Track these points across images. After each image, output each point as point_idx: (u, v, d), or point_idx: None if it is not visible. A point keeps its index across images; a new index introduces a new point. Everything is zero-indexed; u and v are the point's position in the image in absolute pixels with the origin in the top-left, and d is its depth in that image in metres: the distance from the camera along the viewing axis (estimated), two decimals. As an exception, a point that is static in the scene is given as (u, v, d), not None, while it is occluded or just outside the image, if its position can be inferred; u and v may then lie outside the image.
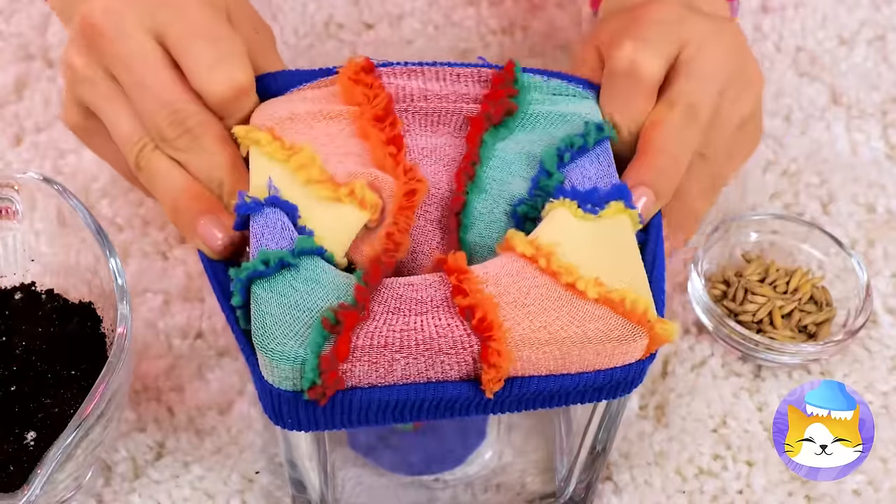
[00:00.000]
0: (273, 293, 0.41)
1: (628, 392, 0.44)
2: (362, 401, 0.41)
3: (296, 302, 0.41)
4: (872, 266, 0.60)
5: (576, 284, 0.41)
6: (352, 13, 0.71)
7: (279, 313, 0.41)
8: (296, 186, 0.45)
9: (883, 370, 0.57)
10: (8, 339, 0.51)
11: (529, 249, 0.42)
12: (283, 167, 0.46)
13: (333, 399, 0.41)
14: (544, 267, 0.42)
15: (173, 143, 0.48)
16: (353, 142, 0.47)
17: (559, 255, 0.42)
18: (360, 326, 0.41)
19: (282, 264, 0.42)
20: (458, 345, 0.41)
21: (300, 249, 0.42)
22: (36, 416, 0.49)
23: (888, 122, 0.66)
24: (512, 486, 0.52)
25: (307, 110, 0.48)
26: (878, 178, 0.64)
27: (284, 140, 0.46)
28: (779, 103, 0.67)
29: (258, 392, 0.43)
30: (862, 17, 0.71)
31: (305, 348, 0.40)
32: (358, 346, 0.41)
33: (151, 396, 0.56)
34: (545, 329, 0.41)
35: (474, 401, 0.42)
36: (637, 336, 0.41)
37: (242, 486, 0.53)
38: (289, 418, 0.43)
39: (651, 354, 0.43)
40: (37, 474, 0.45)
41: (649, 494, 0.53)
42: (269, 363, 0.41)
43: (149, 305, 0.58)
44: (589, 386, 0.43)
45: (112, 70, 0.49)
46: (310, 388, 0.41)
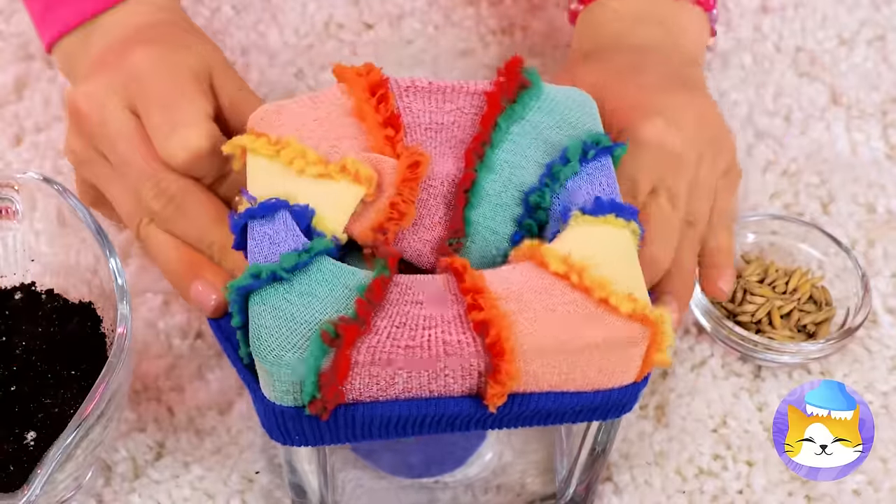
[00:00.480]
0: (266, 305, 0.41)
1: (621, 414, 0.44)
2: (364, 416, 0.41)
3: (291, 314, 0.40)
4: (872, 266, 0.60)
5: (609, 300, 0.41)
6: (352, 13, 0.71)
7: (274, 325, 0.40)
8: (289, 177, 0.45)
9: (883, 370, 0.57)
10: (8, 338, 0.51)
11: (563, 267, 0.42)
12: (272, 161, 0.45)
13: (335, 414, 0.41)
14: (577, 283, 0.41)
15: (161, 214, 0.50)
16: (347, 122, 0.47)
17: (592, 270, 0.42)
18: (361, 340, 0.40)
19: (273, 277, 0.41)
20: (467, 361, 0.40)
21: (315, 250, 0.42)
22: (36, 416, 0.49)
23: (888, 123, 0.66)
24: (512, 487, 0.52)
25: (295, 100, 0.48)
26: (877, 178, 0.64)
27: (270, 135, 0.46)
28: (778, 103, 0.67)
29: (260, 414, 0.43)
30: (862, 17, 0.71)
31: (303, 360, 0.40)
32: (359, 362, 0.40)
33: (151, 396, 0.55)
34: (559, 339, 0.41)
35: (475, 416, 0.42)
36: (640, 339, 0.41)
37: (242, 486, 0.53)
38: (295, 435, 0.42)
39: (645, 378, 0.43)
40: (37, 474, 0.44)
41: (649, 494, 0.53)
42: (267, 374, 0.41)
43: (149, 305, 0.58)
44: (586, 406, 0.43)
45: (102, 150, 0.52)
46: (310, 402, 0.40)
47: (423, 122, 0.47)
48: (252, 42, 0.69)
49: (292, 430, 0.42)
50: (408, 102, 0.47)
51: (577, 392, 0.42)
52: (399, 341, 0.40)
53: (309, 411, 0.41)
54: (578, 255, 0.42)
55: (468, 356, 0.40)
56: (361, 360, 0.40)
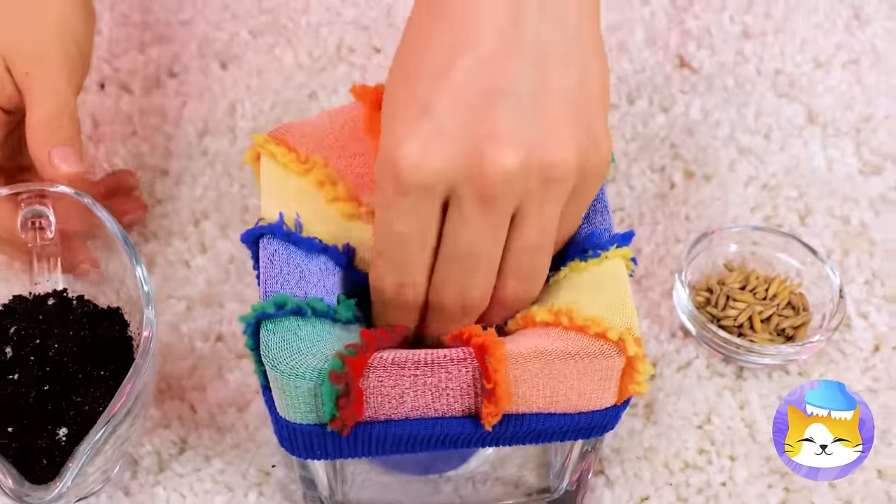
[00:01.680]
0: (278, 335, 0.41)
1: (603, 433, 0.44)
2: (380, 434, 0.42)
3: (298, 347, 0.40)
4: (846, 274, 0.61)
5: (607, 335, 0.41)
6: (361, 38, 0.71)
7: (286, 354, 0.40)
8: (315, 199, 0.45)
9: (856, 371, 0.57)
10: (42, 341, 0.51)
11: (549, 316, 0.42)
12: (298, 179, 0.46)
13: (354, 432, 0.41)
14: (567, 325, 0.41)
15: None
16: (360, 136, 0.47)
17: (579, 310, 0.41)
18: (368, 368, 0.40)
19: (296, 311, 0.41)
20: (464, 382, 0.41)
21: (339, 315, 0.42)
22: (67, 413, 0.49)
23: (861, 140, 0.67)
24: (510, 480, 0.52)
25: (316, 116, 0.48)
26: (851, 192, 0.64)
27: (300, 152, 0.46)
28: (759, 122, 0.67)
29: (279, 434, 0.43)
30: (837, 42, 0.71)
31: (318, 390, 0.40)
32: (370, 386, 0.40)
33: (175, 395, 0.56)
34: (538, 347, 0.41)
35: (476, 435, 0.42)
36: (617, 365, 0.41)
37: (260, 479, 0.53)
38: (318, 450, 0.43)
39: (625, 402, 0.43)
40: (68, 468, 0.45)
41: (639, 487, 0.53)
42: (284, 397, 0.41)
43: (173, 310, 0.59)
44: (571, 426, 0.43)
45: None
46: (330, 420, 0.40)
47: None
48: (268, 65, 0.70)
49: (315, 446, 0.42)
50: None
51: (563, 413, 0.43)
52: (405, 369, 0.40)
53: (330, 428, 0.41)
54: (562, 301, 0.42)
55: (466, 378, 0.41)
56: (372, 385, 0.40)
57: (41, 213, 0.53)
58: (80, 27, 0.55)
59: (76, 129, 0.53)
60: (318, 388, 0.40)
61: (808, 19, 0.72)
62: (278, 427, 0.43)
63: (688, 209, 0.63)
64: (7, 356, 0.51)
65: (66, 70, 0.53)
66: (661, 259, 0.62)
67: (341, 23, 0.71)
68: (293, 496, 0.53)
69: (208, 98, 0.68)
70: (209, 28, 0.71)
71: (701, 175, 0.65)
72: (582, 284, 0.43)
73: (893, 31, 0.71)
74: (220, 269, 0.61)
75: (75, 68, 0.54)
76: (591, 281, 0.43)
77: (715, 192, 0.64)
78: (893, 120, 0.67)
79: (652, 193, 0.64)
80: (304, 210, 0.45)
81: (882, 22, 0.72)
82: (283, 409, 0.42)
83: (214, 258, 0.61)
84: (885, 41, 0.71)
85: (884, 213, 0.63)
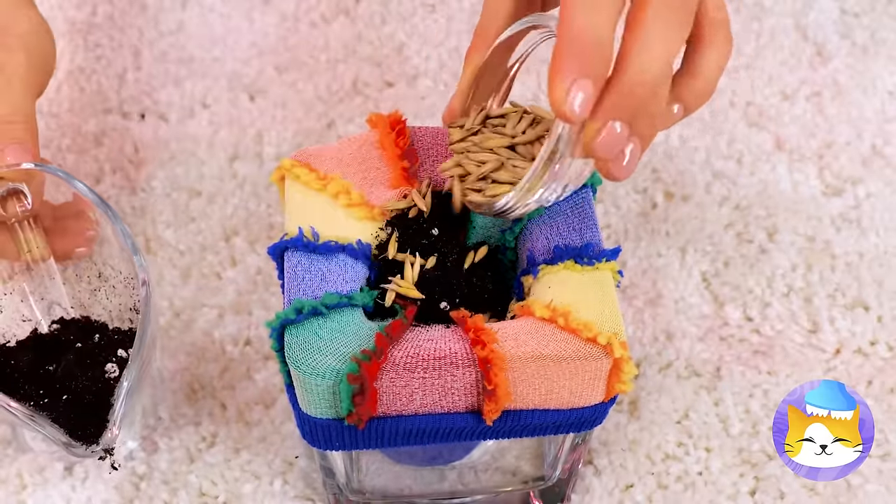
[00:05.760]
0: (300, 337, 0.41)
1: (592, 427, 0.44)
2: (392, 428, 0.42)
3: (319, 347, 0.40)
4: (811, 287, 0.60)
5: (597, 339, 0.40)
6: (375, 73, 0.71)
7: (307, 355, 0.40)
8: (333, 209, 0.46)
9: (819, 371, 0.57)
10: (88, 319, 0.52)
11: (546, 312, 0.41)
12: (319, 194, 0.46)
13: (369, 426, 0.42)
14: (563, 325, 0.41)
15: None
16: (375, 155, 0.47)
17: (573, 314, 0.41)
18: (382, 370, 0.40)
19: (314, 312, 0.41)
20: (468, 383, 0.41)
21: (355, 301, 0.42)
22: (114, 355, 0.50)
23: (823, 165, 0.67)
24: (508, 469, 0.52)
25: (337, 142, 0.49)
26: (815, 211, 0.64)
27: (319, 171, 0.47)
28: (732, 149, 0.67)
29: (302, 427, 0.43)
30: (802, 77, 0.71)
31: (336, 387, 0.40)
32: (383, 386, 0.41)
33: (207, 394, 0.56)
34: (536, 351, 0.41)
35: (478, 429, 0.43)
36: (605, 366, 0.42)
37: (284, 468, 0.54)
38: (337, 442, 0.43)
39: (612, 398, 0.43)
40: (122, 387, 0.46)
41: (624, 476, 0.53)
42: (305, 393, 0.41)
43: (206, 318, 0.59)
44: (563, 421, 0.43)
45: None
46: (348, 415, 0.41)
47: (432, 155, 0.48)
48: (290, 97, 0.70)
49: (333, 438, 0.43)
50: (420, 136, 0.49)
51: (557, 409, 0.43)
52: (415, 372, 0.41)
53: (347, 422, 0.41)
54: (561, 302, 0.42)
55: (469, 380, 0.41)
56: (385, 385, 0.41)
57: (16, 188, 0.51)
58: (40, 42, 0.54)
59: (32, 131, 0.51)
60: (336, 387, 0.40)
61: (775, 56, 0.72)
62: (300, 421, 0.43)
63: (668, 226, 0.64)
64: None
65: (26, 77, 0.52)
66: (644, 271, 0.62)
67: (356, 59, 0.72)
68: (314, 483, 0.53)
69: (237, 127, 0.69)
70: (238, 64, 0.72)
71: (680, 196, 0.65)
72: (576, 288, 0.43)
73: (853, 67, 0.71)
74: (248, 281, 0.61)
75: (35, 76, 0.53)
76: (584, 287, 0.43)
77: (692, 212, 0.64)
78: (853, 146, 0.67)
79: (636, 212, 0.64)
80: (324, 220, 0.45)
81: (843, 59, 0.72)
82: (305, 405, 0.42)
83: (244, 270, 0.61)
84: (845, 76, 0.71)
85: (844, 231, 0.63)
